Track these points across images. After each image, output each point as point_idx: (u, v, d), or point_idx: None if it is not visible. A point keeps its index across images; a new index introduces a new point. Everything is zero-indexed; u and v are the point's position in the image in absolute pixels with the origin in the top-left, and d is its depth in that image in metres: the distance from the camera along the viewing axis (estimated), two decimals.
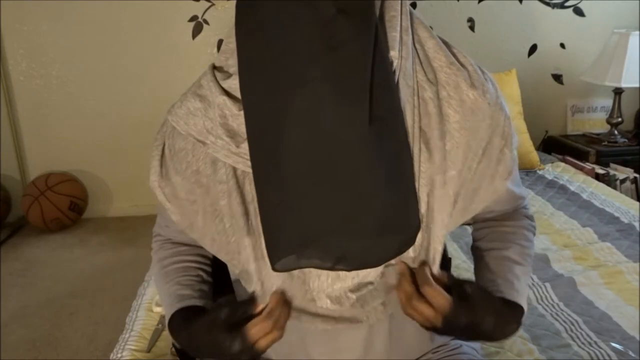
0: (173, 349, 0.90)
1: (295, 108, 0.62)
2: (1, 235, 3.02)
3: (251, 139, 0.68)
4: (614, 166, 2.81)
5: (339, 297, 0.75)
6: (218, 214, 0.77)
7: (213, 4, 3.02)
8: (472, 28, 3.12)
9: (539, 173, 2.61)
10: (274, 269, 0.68)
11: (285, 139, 0.63)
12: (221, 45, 0.79)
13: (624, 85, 2.79)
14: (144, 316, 1.47)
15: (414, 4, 3.06)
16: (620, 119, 2.95)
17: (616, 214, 2.06)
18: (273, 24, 0.62)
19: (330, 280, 0.74)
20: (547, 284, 1.58)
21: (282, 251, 0.67)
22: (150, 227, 0.95)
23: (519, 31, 3.15)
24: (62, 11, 2.96)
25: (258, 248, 0.75)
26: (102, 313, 2.29)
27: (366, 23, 0.64)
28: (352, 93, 0.62)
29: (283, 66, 0.62)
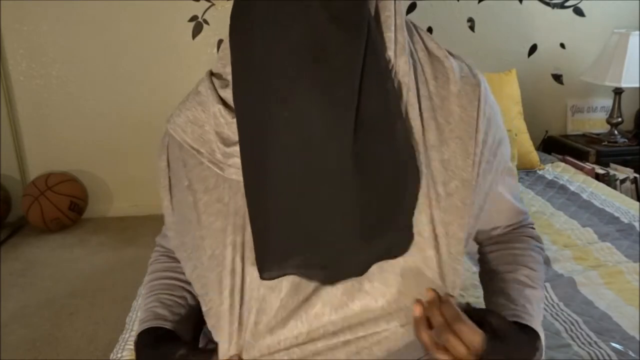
0: None
1: (281, 119, 0.62)
2: (1, 235, 3.02)
3: (242, 149, 0.68)
4: (614, 166, 2.81)
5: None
6: (199, 247, 0.75)
7: (213, 4, 3.02)
8: (472, 28, 3.12)
9: (539, 173, 2.61)
10: (262, 278, 0.68)
11: (271, 150, 0.63)
12: (221, 45, 0.79)
13: (624, 85, 2.78)
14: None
15: (414, 4, 3.06)
16: (620, 119, 2.94)
17: (616, 214, 2.06)
18: (264, 34, 0.62)
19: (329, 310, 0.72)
20: (547, 284, 1.57)
21: (269, 260, 0.67)
22: (150, 227, 0.95)
23: (519, 31, 3.15)
24: (62, 11, 2.96)
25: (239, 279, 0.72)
26: (102, 313, 2.29)
27: (358, 30, 0.64)
28: (339, 102, 0.62)
29: (273, 76, 0.62)
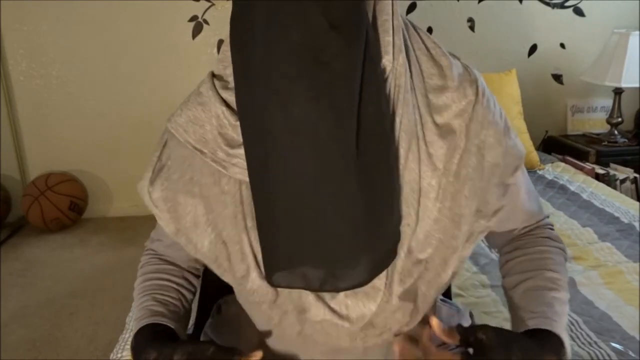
0: None
1: (283, 125, 0.61)
2: (1, 235, 3.02)
3: (246, 153, 0.68)
4: (614, 166, 2.81)
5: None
6: (211, 223, 0.76)
7: (213, 4, 3.02)
8: (472, 28, 3.12)
9: (539, 173, 2.61)
10: (271, 285, 0.68)
11: (272, 155, 0.63)
12: (221, 45, 0.78)
13: (624, 85, 2.78)
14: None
15: (414, 4, 3.06)
16: (620, 119, 2.95)
17: (616, 214, 2.06)
18: (264, 40, 0.62)
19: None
20: None
21: (277, 267, 0.67)
22: (150, 227, 0.95)
23: (519, 31, 3.15)
24: (62, 11, 2.96)
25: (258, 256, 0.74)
26: (102, 313, 2.29)
27: (357, 34, 0.63)
28: (340, 106, 0.61)
29: (273, 82, 0.61)
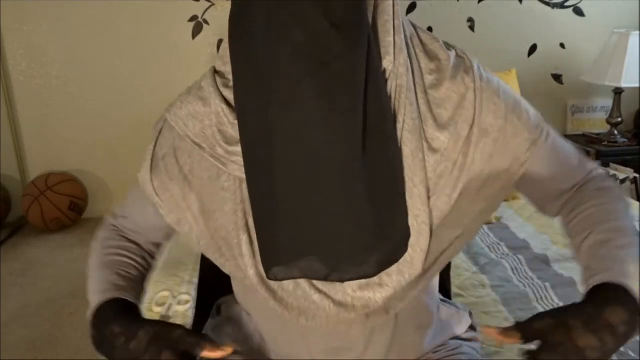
0: None
1: (286, 125, 0.62)
2: (1, 235, 3.02)
3: (244, 152, 0.68)
4: (614, 166, 2.81)
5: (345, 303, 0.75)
6: (211, 216, 0.76)
7: (213, 4, 3.02)
8: (472, 28, 3.12)
9: None
10: (269, 278, 0.69)
11: (276, 155, 0.63)
12: (221, 45, 0.78)
13: (624, 85, 2.78)
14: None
15: (414, 4, 3.06)
16: (620, 119, 2.94)
17: None
18: (264, 40, 0.62)
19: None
20: (547, 284, 1.58)
21: (276, 262, 0.67)
22: None
23: (519, 31, 3.15)
24: (62, 11, 2.96)
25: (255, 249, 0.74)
26: None
27: (359, 38, 0.63)
28: (343, 107, 0.61)
29: (274, 82, 0.62)
